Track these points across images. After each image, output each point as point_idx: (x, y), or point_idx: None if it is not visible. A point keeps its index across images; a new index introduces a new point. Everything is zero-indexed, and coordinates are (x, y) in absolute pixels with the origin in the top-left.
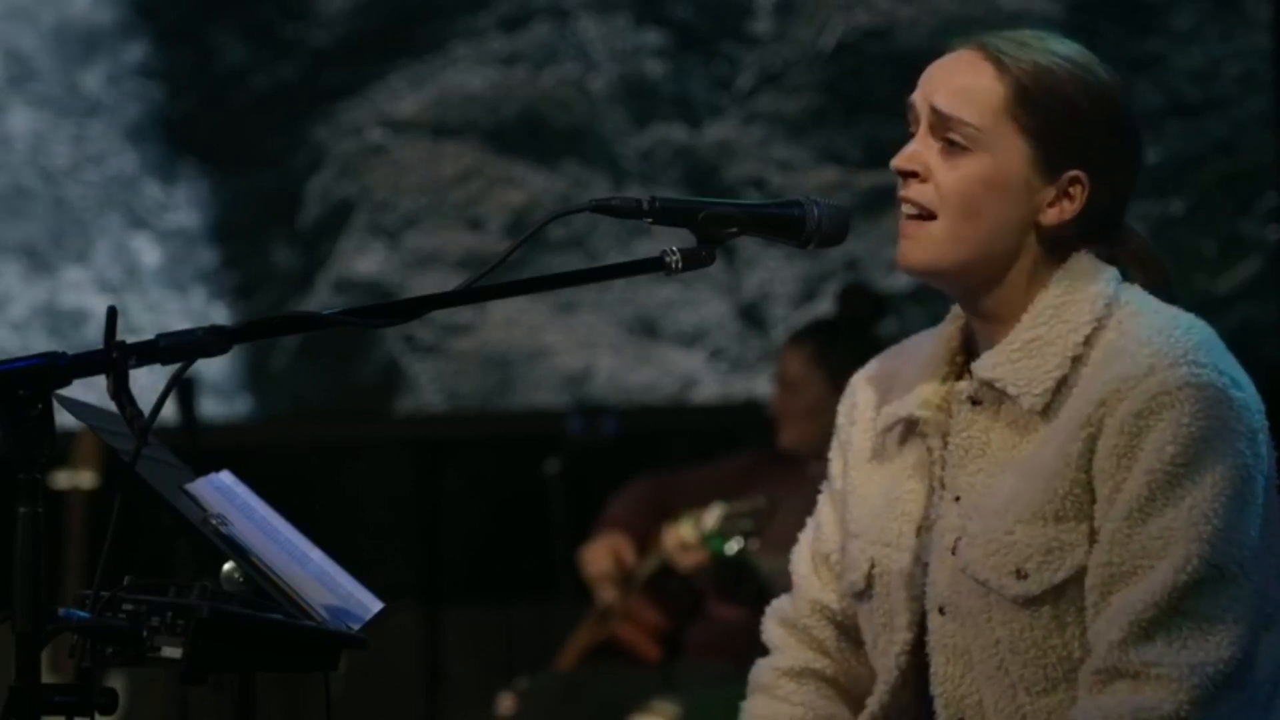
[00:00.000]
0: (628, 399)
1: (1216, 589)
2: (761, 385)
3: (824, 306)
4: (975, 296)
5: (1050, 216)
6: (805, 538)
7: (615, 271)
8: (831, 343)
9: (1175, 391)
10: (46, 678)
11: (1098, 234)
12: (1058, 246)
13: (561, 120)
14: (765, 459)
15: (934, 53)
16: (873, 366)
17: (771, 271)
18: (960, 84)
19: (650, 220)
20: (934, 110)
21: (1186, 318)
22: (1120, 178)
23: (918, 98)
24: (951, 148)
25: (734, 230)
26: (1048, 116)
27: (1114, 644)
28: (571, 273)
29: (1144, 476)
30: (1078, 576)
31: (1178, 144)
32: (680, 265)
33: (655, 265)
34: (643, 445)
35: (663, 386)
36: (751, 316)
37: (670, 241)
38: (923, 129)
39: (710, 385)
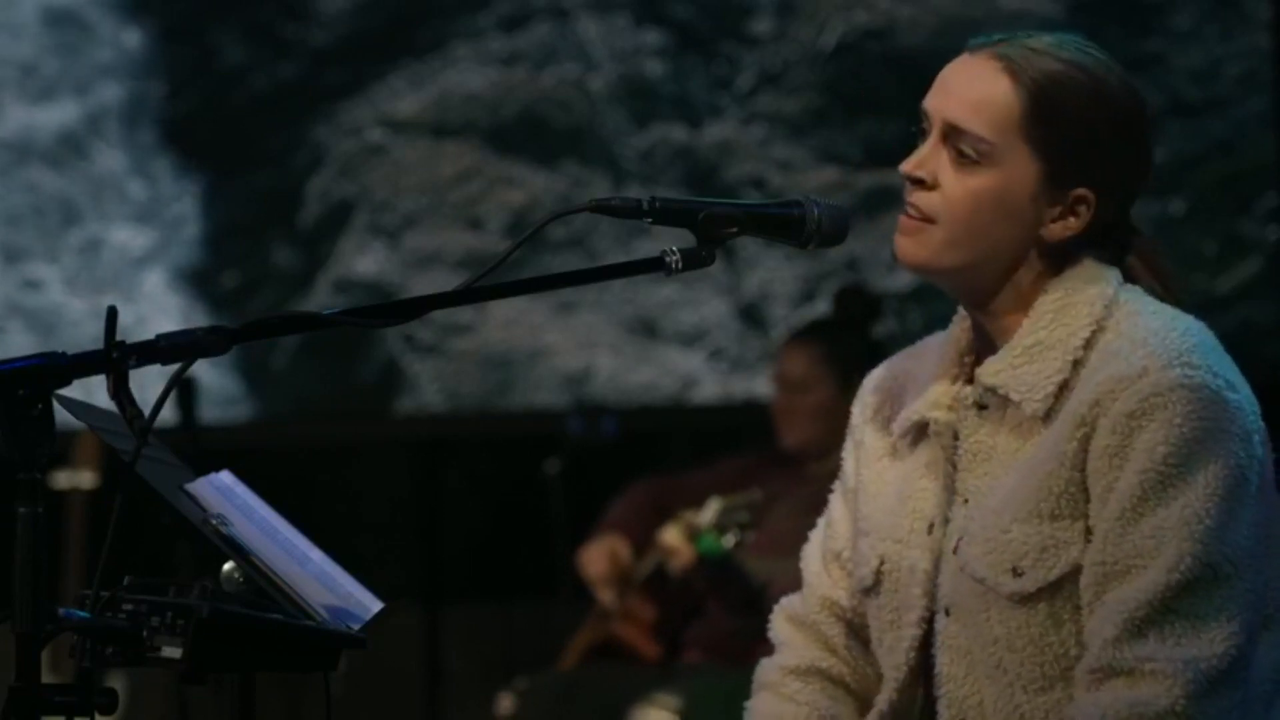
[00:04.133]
0: (628, 399)
1: (1210, 588)
2: (761, 385)
3: (824, 306)
4: (974, 298)
5: (1054, 232)
6: (816, 536)
7: (615, 271)
8: (839, 343)
9: (1168, 393)
10: (46, 678)
11: (1099, 242)
12: (1060, 258)
13: (561, 120)
14: (765, 459)
15: (933, 53)
16: (886, 367)
17: (771, 271)
18: (975, 96)
19: (650, 220)
20: (947, 122)
21: (1185, 320)
22: (1128, 192)
23: (931, 105)
24: (962, 159)
25: (734, 230)
26: (1061, 133)
27: (1108, 641)
28: (571, 273)
29: (1136, 476)
30: (1073, 574)
31: (1178, 144)
32: (680, 265)
33: (655, 265)
34: (643, 445)
35: (663, 386)
36: (751, 316)
37: (670, 241)
38: (934, 137)
39: (710, 385)
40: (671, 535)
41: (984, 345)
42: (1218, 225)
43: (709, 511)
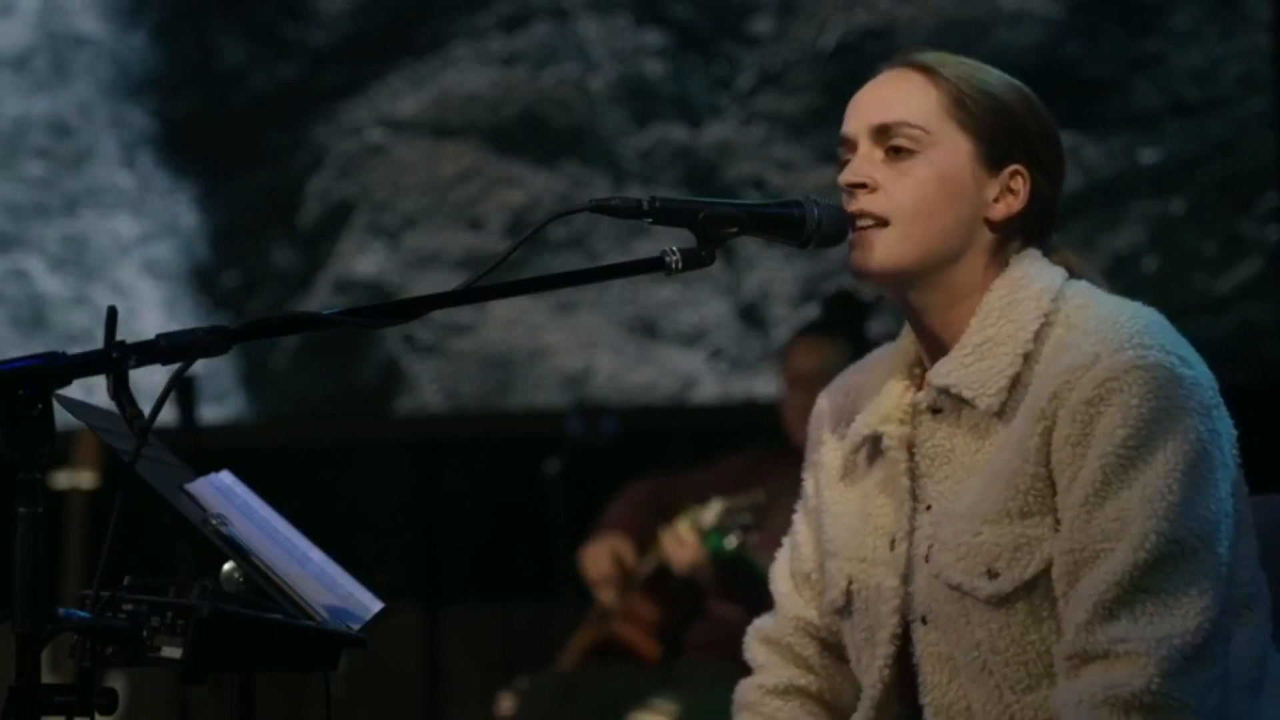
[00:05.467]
0: (628, 399)
1: (1177, 564)
2: (761, 385)
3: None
4: (927, 300)
5: (997, 211)
6: (784, 556)
7: (615, 271)
8: (849, 339)
9: (1123, 375)
10: (46, 678)
11: (1038, 231)
12: (1006, 243)
13: (561, 120)
14: (764, 459)
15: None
16: (837, 385)
17: (771, 271)
18: (896, 96)
19: (650, 220)
20: (873, 127)
21: (1132, 305)
22: (1055, 173)
23: (851, 126)
24: (896, 155)
25: (734, 230)
26: (984, 114)
27: (1080, 626)
28: (571, 273)
29: (1098, 461)
30: (1048, 570)
31: (1178, 144)
32: (680, 265)
33: (655, 265)
34: (643, 445)
35: (663, 386)
36: (751, 316)
37: (670, 241)
38: (864, 145)
39: (710, 385)
40: (683, 529)
41: (933, 353)
42: (1218, 225)
43: (711, 512)
